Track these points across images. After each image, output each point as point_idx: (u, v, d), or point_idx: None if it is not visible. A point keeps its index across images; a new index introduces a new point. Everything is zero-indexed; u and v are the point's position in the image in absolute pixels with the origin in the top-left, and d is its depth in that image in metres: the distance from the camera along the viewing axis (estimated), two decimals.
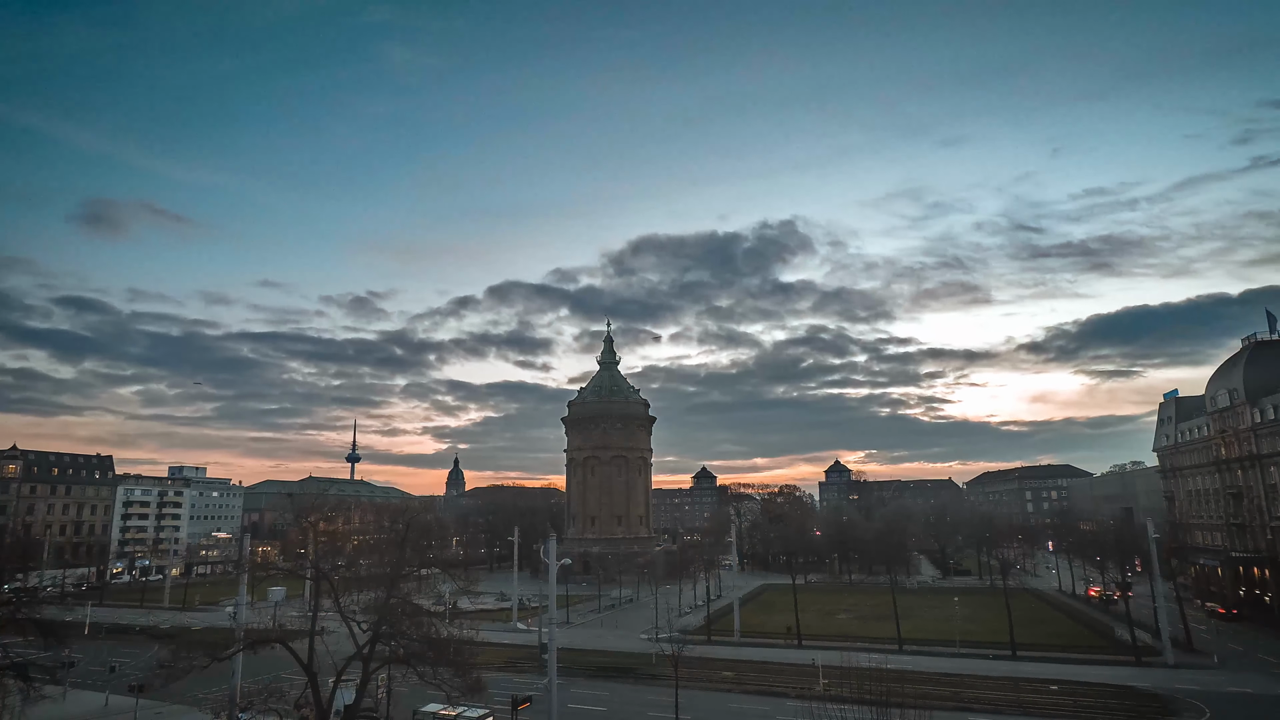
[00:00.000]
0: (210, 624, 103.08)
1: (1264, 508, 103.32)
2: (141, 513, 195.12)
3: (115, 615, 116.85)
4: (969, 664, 76.90)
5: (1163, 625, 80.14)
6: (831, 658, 64.67)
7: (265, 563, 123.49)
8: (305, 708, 50.42)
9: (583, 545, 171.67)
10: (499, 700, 54.89)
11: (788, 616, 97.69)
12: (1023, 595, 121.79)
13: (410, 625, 44.53)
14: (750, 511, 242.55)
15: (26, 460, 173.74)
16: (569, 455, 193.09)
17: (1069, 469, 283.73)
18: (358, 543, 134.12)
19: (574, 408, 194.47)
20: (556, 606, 58.96)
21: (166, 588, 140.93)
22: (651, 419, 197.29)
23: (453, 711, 52.79)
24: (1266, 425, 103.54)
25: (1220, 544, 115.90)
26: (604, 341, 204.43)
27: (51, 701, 58.89)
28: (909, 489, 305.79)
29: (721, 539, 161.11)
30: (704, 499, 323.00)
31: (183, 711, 60.60)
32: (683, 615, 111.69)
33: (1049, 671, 72.52)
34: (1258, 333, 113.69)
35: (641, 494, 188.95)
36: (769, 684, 69.30)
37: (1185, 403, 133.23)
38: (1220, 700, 62.12)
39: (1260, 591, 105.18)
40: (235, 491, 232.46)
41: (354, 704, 45.17)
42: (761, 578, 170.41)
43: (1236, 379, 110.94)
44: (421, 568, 74.12)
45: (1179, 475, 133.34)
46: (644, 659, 78.58)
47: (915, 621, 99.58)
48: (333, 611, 46.32)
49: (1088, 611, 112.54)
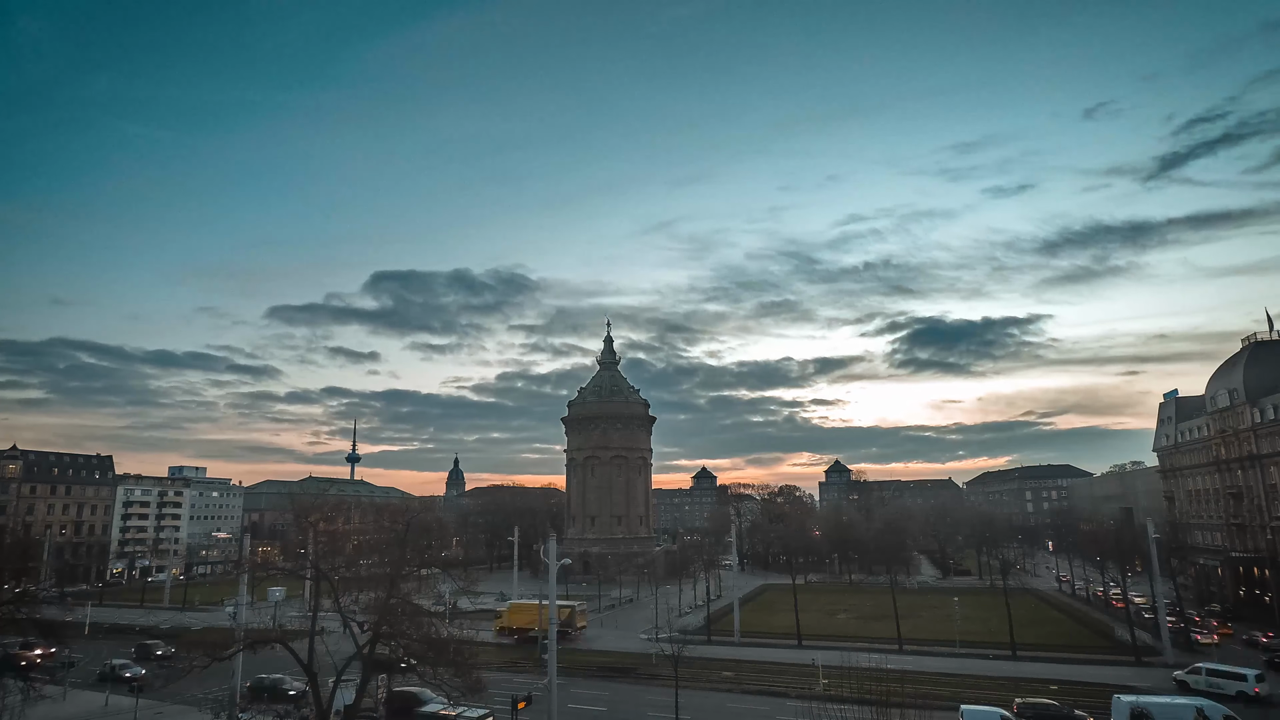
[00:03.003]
0: (210, 624, 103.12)
1: (1264, 508, 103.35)
2: (141, 513, 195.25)
3: (115, 615, 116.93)
4: (969, 664, 76.85)
5: (1162, 625, 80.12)
6: (831, 658, 64.76)
7: (265, 563, 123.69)
8: (305, 708, 50.47)
9: (583, 545, 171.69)
10: (499, 700, 54.88)
11: (788, 616, 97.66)
12: (1023, 595, 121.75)
13: (410, 625, 44.52)
14: (750, 511, 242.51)
15: (26, 460, 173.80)
16: (569, 455, 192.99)
17: (1069, 469, 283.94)
18: (358, 543, 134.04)
19: (574, 408, 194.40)
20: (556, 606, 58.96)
21: (167, 588, 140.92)
22: (651, 419, 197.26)
23: (453, 711, 52.79)
24: (1266, 425, 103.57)
25: (1220, 544, 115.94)
26: (604, 342, 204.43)
27: (51, 701, 58.90)
28: (909, 489, 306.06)
29: (721, 539, 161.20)
30: (704, 499, 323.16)
31: (183, 711, 60.57)
32: (683, 615, 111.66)
33: (1049, 671, 72.49)
34: (1258, 333, 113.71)
35: (641, 494, 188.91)
36: (769, 684, 69.27)
37: (1185, 403, 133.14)
38: (1225, 702, 62.09)
39: (1260, 591, 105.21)
40: (235, 491, 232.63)
41: (354, 704, 45.16)
42: (761, 578, 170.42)
43: (1236, 379, 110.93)
44: (421, 568, 74.06)
45: (1179, 475, 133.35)
46: (644, 659, 78.57)
47: (915, 621, 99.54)
48: (333, 611, 46.31)
49: (1088, 611, 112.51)
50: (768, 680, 70.66)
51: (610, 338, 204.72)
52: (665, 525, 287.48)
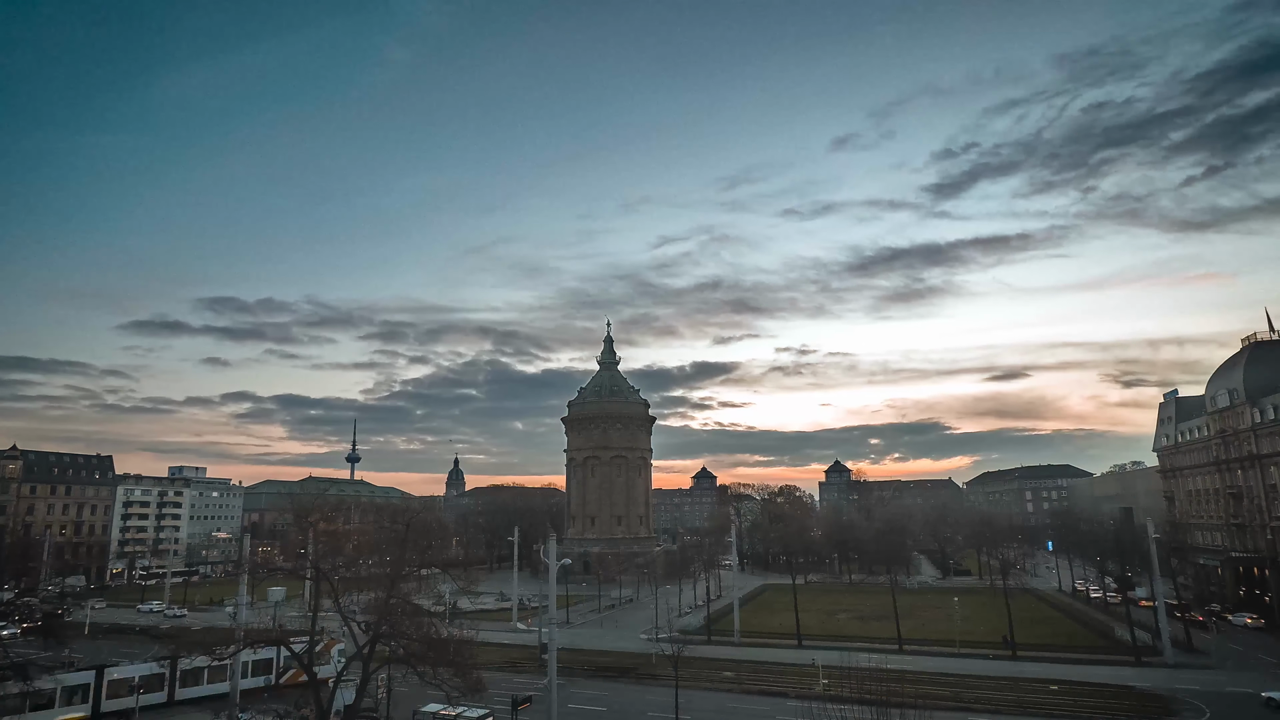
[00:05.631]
0: (210, 624, 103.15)
1: (1264, 508, 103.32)
2: (141, 513, 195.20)
3: (115, 615, 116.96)
4: (969, 664, 76.87)
5: (1162, 625, 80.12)
6: (831, 658, 64.79)
7: (265, 563, 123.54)
8: (305, 708, 50.47)
9: (583, 545, 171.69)
10: (499, 700, 54.91)
11: (788, 616, 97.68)
12: (1022, 595, 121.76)
13: (410, 625, 44.53)
14: (750, 511, 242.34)
15: (26, 460, 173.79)
16: (569, 455, 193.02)
17: (1069, 469, 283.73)
18: (358, 543, 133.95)
19: (574, 408, 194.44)
20: (556, 606, 58.94)
21: (166, 588, 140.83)
22: (651, 419, 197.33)
23: (453, 711, 52.77)
24: (1266, 425, 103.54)
25: (1220, 544, 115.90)
26: (604, 342, 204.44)
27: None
28: (909, 489, 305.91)
29: (721, 539, 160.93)
30: (704, 499, 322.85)
31: (183, 711, 60.62)
32: (683, 615, 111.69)
33: (1049, 671, 72.49)
34: (1257, 333, 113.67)
35: (641, 494, 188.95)
36: (769, 684, 69.27)
37: (1185, 403, 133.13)
38: (1220, 700, 62.14)
39: (1260, 591, 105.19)
40: (235, 491, 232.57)
41: (354, 704, 45.18)
42: (761, 578, 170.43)
43: (1236, 379, 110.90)
44: (421, 568, 74.07)
45: (1179, 475, 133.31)
46: (644, 659, 78.64)
47: (915, 621, 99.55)
48: (333, 611, 46.33)
49: (1088, 611, 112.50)
50: (768, 680, 70.66)
51: (610, 338, 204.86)
52: (665, 525, 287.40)
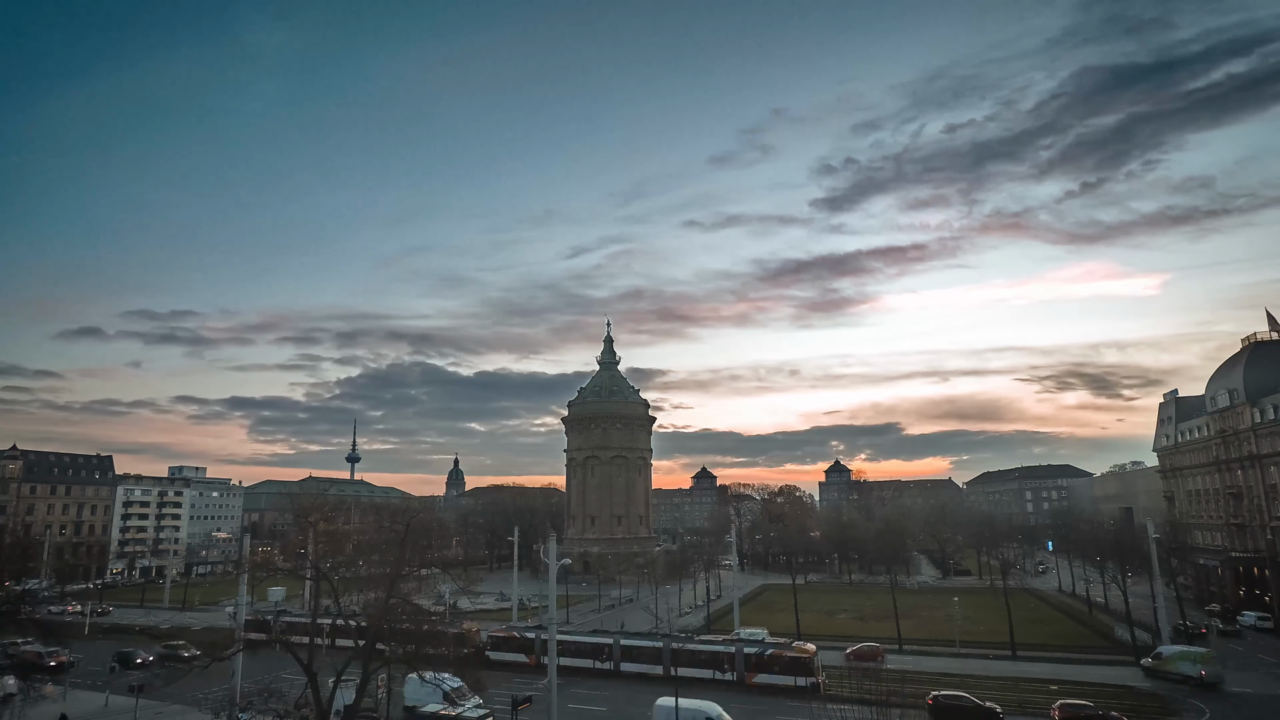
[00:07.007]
0: (210, 624, 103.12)
1: (1264, 508, 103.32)
2: (141, 513, 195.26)
3: (115, 615, 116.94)
4: (969, 664, 76.84)
5: (1163, 625, 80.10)
6: (832, 658, 64.83)
7: (265, 563, 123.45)
8: (305, 708, 50.42)
9: (583, 545, 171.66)
10: (499, 700, 54.89)
11: (788, 616, 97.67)
12: (1023, 595, 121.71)
13: (410, 625, 44.53)
14: (750, 511, 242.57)
15: (26, 460, 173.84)
16: (569, 455, 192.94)
17: (1069, 469, 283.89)
18: (358, 543, 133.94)
19: (574, 408, 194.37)
20: (556, 606, 58.92)
21: (166, 587, 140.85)
22: (652, 419, 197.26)
23: (453, 711, 52.78)
24: (1266, 425, 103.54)
25: (1220, 544, 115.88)
26: (604, 341, 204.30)
27: (51, 701, 58.96)
28: (909, 489, 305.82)
29: (721, 539, 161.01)
30: (704, 499, 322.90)
31: (183, 711, 60.60)
32: (683, 615, 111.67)
33: (1049, 671, 72.51)
34: (1257, 333, 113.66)
35: (641, 494, 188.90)
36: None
37: (1185, 403, 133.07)
38: (1220, 700, 62.15)
39: (1260, 591, 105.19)
40: (235, 491, 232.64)
41: (354, 704, 45.16)
42: (761, 578, 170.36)
43: (1236, 379, 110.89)
44: (421, 568, 74.10)
45: (1179, 475, 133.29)
46: None
47: (915, 621, 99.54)
48: (333, 611, 46.33)
49: (1088, 611, 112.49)
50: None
51: (610, 338, 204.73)
52: (665, 525, 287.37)
